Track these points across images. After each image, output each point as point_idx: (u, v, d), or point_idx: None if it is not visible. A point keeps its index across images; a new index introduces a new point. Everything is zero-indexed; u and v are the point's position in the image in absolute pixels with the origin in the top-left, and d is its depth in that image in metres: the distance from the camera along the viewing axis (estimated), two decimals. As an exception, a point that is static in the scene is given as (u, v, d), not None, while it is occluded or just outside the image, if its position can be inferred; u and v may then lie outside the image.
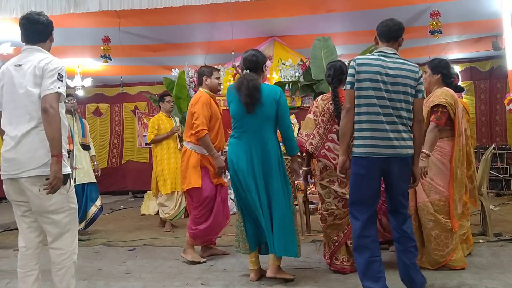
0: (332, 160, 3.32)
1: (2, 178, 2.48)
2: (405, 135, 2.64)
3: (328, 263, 3.42)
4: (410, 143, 2.67)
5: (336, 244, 3.35)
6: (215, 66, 6.64)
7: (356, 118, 2.66)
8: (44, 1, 5.08)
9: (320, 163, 3.44)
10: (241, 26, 6.23)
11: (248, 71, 3.19)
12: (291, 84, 5.83)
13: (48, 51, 2.59)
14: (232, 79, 6.19)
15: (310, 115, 3.51)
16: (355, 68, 2.66)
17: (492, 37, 6.76)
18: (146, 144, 9.96)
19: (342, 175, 2.79)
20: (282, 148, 3.28)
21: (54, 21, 2.64)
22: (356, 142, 2.67)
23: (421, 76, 2.72)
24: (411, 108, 2.68)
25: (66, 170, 2.46)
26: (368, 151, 2.61)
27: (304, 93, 5.92)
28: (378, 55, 2.71)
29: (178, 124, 5.67)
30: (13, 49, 6.23)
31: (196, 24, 6.34)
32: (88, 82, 7.95)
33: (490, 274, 3.15)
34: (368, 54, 2.81)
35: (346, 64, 3.59)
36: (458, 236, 3.34)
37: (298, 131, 7.93)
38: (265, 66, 3.27)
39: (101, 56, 6.21)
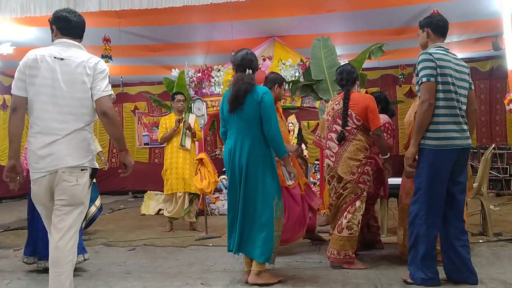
0: (330, 158, 3.49)
1: (37, 177, 2.38)
2: (465, 127, 2.80)
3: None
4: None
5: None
6: (215, 66, 6.68)
7: (435, 111, 2.73)
8: (44, 1, 5.08)
9: None
10: (241, 26, 6.23)
11: (250, 71, 3.11)
12: (291, 84, 5.82)
13: None
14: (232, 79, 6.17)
15: (325, 116, 3.72)
16: (435, 62, 2.72)
17: (492, 37, 6.76)
18: (146, 144, 9.98)
19: (413, 169, 2.80)
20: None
21: (54, 21, 2.64)
22: (433, 135, 2.72)
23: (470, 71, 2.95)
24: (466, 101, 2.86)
25: (96, 164, 2.53)
26: (449, 143, 2.71)
27: (304, 93, 5.89)
28: (442, 50, 2.82)
29: (190, 120, 5.35)
30: (13, 49, 6.23)
31: (196, 24, 6.34)
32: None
33: (490, 274, 3.14)
34: (433, 49, 2.85)
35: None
36: None
37: (299, 131, 7.97)
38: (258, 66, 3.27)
39: (102, 56, 6.20)
